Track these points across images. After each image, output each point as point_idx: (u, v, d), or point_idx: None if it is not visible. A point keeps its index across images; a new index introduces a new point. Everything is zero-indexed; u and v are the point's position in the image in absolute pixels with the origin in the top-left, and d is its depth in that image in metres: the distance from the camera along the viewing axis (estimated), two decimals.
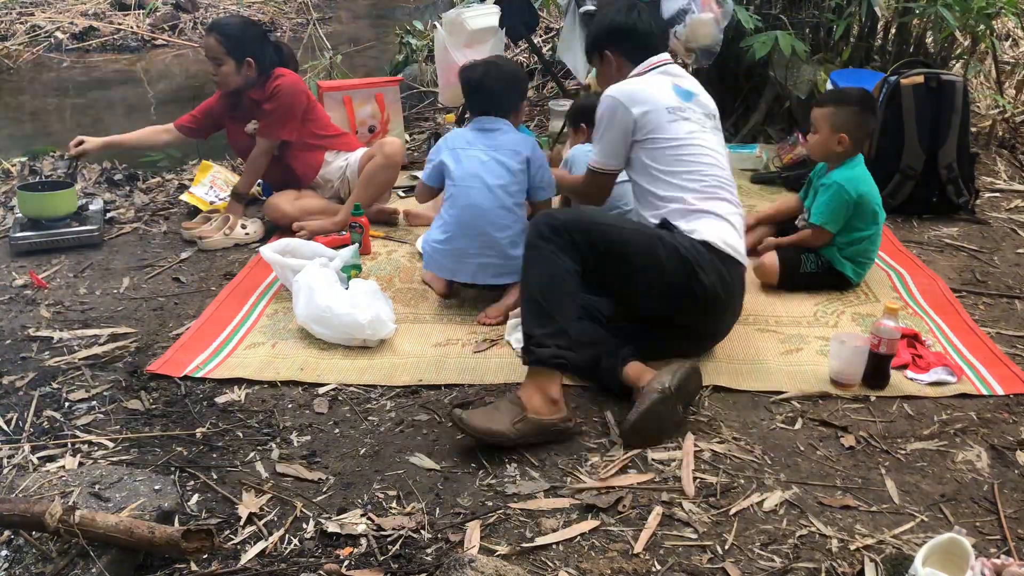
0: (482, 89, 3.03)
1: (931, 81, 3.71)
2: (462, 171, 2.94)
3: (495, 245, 2.91)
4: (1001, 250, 3.54)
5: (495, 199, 2.91)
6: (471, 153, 2.96)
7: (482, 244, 2.91)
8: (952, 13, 4.11)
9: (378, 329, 2.77)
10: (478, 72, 3.03)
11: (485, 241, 2.91)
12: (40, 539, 1.83)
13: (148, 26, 8.28)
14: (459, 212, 2.92)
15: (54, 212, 3.63)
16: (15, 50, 7.69)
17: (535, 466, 2.21)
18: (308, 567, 1.88)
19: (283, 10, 8.90)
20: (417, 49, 6.07)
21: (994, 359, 2.69)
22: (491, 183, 2.91)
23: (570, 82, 5.43)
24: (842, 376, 2.55)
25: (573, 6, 4.53)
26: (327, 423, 2.42)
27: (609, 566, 1.87)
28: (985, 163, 4.39)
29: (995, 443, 2.30)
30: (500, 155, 2.95)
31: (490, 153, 2.95)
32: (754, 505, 2.06)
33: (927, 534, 1.96)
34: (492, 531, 1.98)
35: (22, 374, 2.65)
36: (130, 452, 2.29)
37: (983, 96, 5.14)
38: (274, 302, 3.12)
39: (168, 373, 2.65)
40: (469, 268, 2.96)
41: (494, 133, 3.00)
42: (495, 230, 2.90)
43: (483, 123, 3.02)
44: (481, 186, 2.91)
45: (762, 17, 4.51)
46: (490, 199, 2.91)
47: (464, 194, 2.92)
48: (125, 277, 3.36)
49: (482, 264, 2.94)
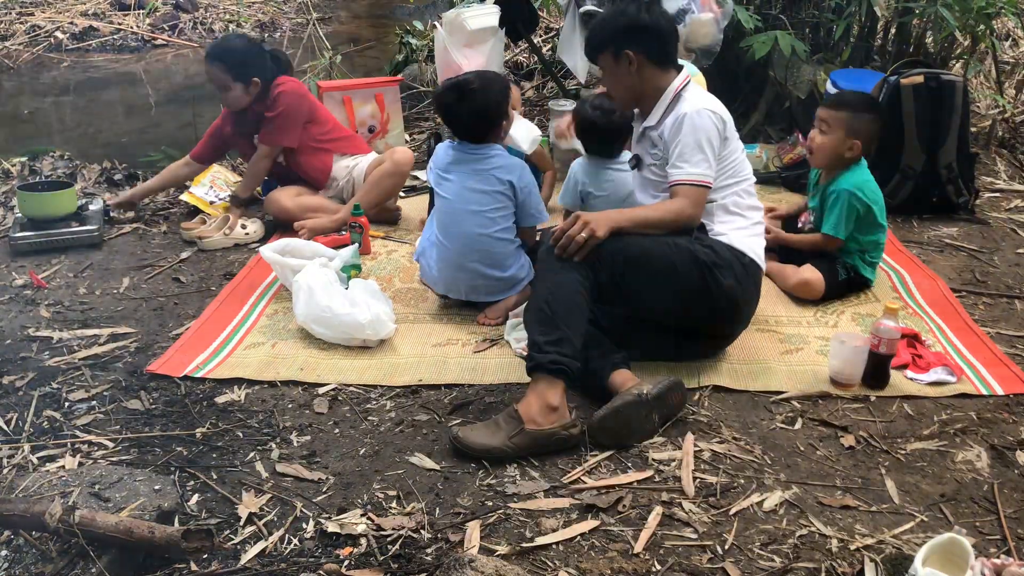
0: (455, 118, 2.94)
1: (931, 81, 3.71)
2: (448, 199, 2.91)
3: (483, 273, 2.91)
4: (1001, 250, 3.54)
5: (482, 226, 2.87)
6: (456, 179, 2.90)
7: (472, 272, 2.91)
8: (952, 13, 4.11)
9: (378, 329, 2.77)
10: (451, 98, 2.90)
11: (475, 269, 2.90)
12: (40, 539, 1.83)
13: (148, 26, 8.28)
14: (447, 239, 2.91)
15: (54, 212, 3.63)
16: (15, 50, 7.69)
17: (535, 466, 2.21)
18: (308, 567, 1.88)
19: (283, 10, 8.89)
20: (417, 49, 6.07)
21: (994, 359, 2.69)
22: (476, 211, 2.87)
23: (570, 82, 5.43)
24: (842, 376, 2.55)
25: (573, 6, 4.52)
26: (327, 423, 2.42)
27: (609, 566, 1.87)
28: (985, 163, 4.39)
29: (995, 443, 2.30)
30: (484, 183, 2.88)
31: (473, 179, 2.88)
32: (754, 505, 2.06)
33: (927, 534, 1.96)
34: (492, 531, 1.98)
35: (22, 374, 2.65)
36: (130, 452, 2.29)
37: (983, 96, 5.14)
38: (274, 302, 3.12)
39: (168, 373, 2.65)
40: (462, 289, 2.97)
41: (478, 155, 2.91)
42: (483, 256, 2.89)
43: (467, 146, 2.94)
44: (468, 214, 2.87)
45: (762, 17, 4.51)
46: (477, 226, 2.87)
47: (455, 223, 2.89)
48: (125, 277, 3.36)
49: (474, 286, 2.95)
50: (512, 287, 2.96)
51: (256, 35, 8.29)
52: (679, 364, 2.61)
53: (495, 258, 2.91)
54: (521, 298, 2.95)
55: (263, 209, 3.82)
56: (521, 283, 2.97)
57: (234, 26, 8.36)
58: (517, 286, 2.97)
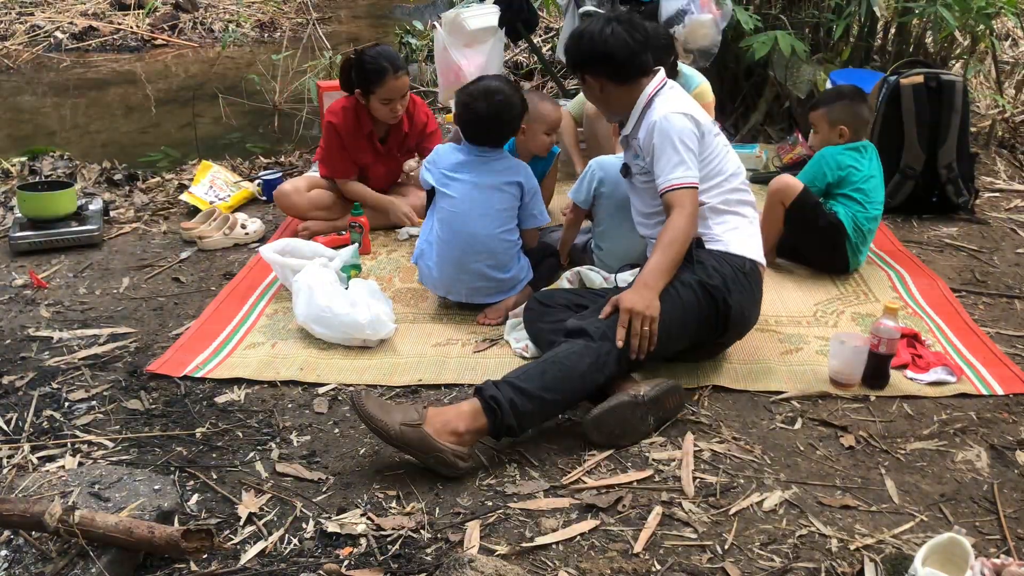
0: (477, 122, 2.92)
1: (931, 81, 3.72)
2: (462, 197, 2.89)
3: (485, 274, 2.91)
4: (1001, 250, 3.55)
5: (488, 226, 2.88)
6: (463, 179, 2.90)
7: (473, 273, 2.91)
8: (952, 13, 4.11)
9: (378, 329, 2.77)
10: (476, 102, 2.90)
11: (476, 270, 2.90)
12: (40, 539, 1.83)
13: (148, 26, 8.28)
14: (451, 239, 2.89)
15: (54, 212, 3.63)
16: (15, 50, 7.69)
17: (535, 466, 2.21)
18: (308, 567, 1.88)
19: (283, 10, 8.90)
20: (417, 49, 6.08)
21: (994, 359, 2.69)
22: (484, 211, 2.88)
23: (570, 82, 5.43)
24: (842, 376, 2.55)
25: (573, 6, 4.53)
26: (327, 423, 2.42)
27: (609, 566, 1.87)
28: (985, 163, 4.39)
29: (995, 443, 2.30)
30: (492, 180, 2.90)
31: (483, 178, 2.90)
32: (754, 505, 2.06)
33: (927, 534, 1.96)
34: (492, 531, 1.98)
35: (22, 374, 2.65)
36: (130, 452, 2.29)
37: (983, 96, 5.14)
38: (274, 302, 3.12)
39: (168, 373, 2.65)
40: (462, 291, 2.96)
41: (488, 157, 2.93)
42: (487, 257, 2.89)
43: (476, 148, 2.94)
44: (474, 214, 2.87)
45: (762, 17, 4.51)
46: (483, 226, 2.88)
47: (459, 220, 2.88)
48: (125, 277, 3.36)
49: (474, 288, 2.94)
50: (512, 288, 2.96)
51: (257, 35, 8.31)
52: (679, 364, 2.61)
53: (499, 259, 2.91)
54: (521, 298, 2.95)
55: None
56: (520, 284, 2.97)
57: (234, 26, 8.36)
58: (517, 287, 2.97)
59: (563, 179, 3.85)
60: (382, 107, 3.51)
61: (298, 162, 4.71)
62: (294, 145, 5.23)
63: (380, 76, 3.43)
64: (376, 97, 3.48)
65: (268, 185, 4.05)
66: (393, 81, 3.44)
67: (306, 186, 3.70)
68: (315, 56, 6.28)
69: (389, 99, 3.48)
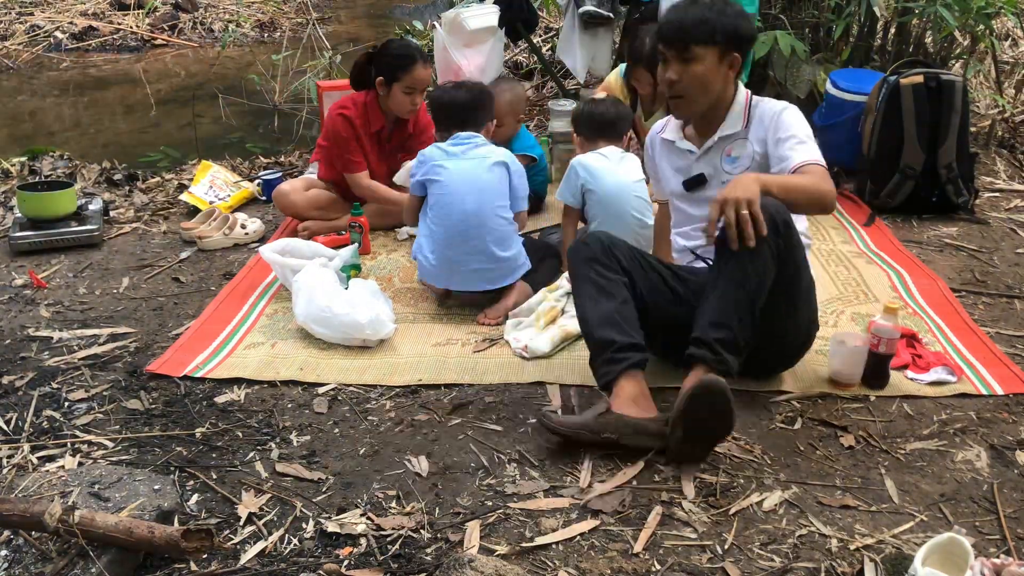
0: (453, 106, 3.08)
1: (931, 81, 3.71)
2: (453, 179, 2.94)
3: (485, 250, 2.92)
4: (1001, 250, 3.55)
5: (488, 203, 2.92)
6: (452, 165, 2.96)
7: (472, 250, 2.91)
8: (952, 13, 4.11)
9: (378, 329, 2.77)
10: (446, 93, 3.13)
11: (475, 247, 2.91)
12: (40, 539, 1.83)
13: (148, 26, 8.28)
14: (450, 221, 2.92)
15: (54, 212, 3.63)
16: (15, 50, 7.69)
17: (535, 466, 2.21)
18: (308, 567, 1.88)
19: (283, 10, 8.89)
20: None
21: (994, 359, 2.69)
22: (483, 187, 2.93)
23: (569, 82, 5.43)
24: (842, 376, 2.55)
25: (573, 6, 4.53)
26: (327, 423, 2.42)
27: (609, 566, 1.87)
28: (985, 163, 4.39)
29: (995, 443, 2.30)
30: (479, 163, 2.97)
31: (470, 161, 2.97)
32: (754, 505, 2.06)
33: (927, 534, 1.96)
34: (492, 531, 1.98)
35: (22, 374, 2.65)
36: (130, 452, 2.29)
37: (983, 96, 5.14)
38: (274, 302, 3.12)
39: (168, 373, 2.65)
40: (461, 276, 2.97)
41: (470, 143, 3.02)
42: (487, 233, 2.91)
43: (459, 138, 3.03)
44: (474, 191, 2.92)
45: (762, 17, 4.51)
46: (483, 203, 2.91)
47: (459, 201, 2.91)
48: (125, 277, 3.36)
49: (474, 270, 2.94)
50: (511, 273, 2.96)
51: (257, 35, 8.31)
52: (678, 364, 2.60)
53: (496, 234, 2.92)
54: (520, 298, 2.95)
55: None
56: (519, 270, 2.98)
57: (234, 26, 8.36)
58: (516, 272, 2.97)
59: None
60: (403, 97, 3.50)
61: (298, 162, 4.71)
62: (294, 145, 5.23)
63: (409, 63, 3.45)
64: (401, 85, 3.48)
65: (268, 185, 4.05)
66: (421, 70, 3.47)
67: (304, 186, 3.71)
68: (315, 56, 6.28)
69: (412, 89, 3.49)
